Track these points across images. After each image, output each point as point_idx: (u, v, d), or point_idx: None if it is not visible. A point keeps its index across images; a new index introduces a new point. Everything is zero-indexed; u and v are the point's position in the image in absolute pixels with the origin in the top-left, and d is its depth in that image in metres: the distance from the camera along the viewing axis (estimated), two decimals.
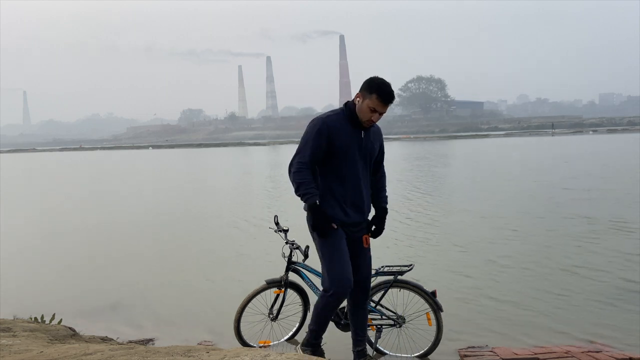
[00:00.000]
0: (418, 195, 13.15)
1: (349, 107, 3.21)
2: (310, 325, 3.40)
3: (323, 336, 3.44)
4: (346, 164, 3.18)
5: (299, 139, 3.28)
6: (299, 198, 3.15)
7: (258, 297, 3.89)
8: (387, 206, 3.44)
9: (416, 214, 10.19)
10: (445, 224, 9.14)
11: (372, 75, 3.21)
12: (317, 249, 3.28)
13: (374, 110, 3.11)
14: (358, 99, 3.17)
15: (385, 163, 3.51)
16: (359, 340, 3.48)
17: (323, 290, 3.26)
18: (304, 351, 3.39)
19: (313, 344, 3.40)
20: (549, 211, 9.95)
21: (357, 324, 3.46)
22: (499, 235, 8.08)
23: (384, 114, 3.28)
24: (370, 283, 3.43)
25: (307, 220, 3.22)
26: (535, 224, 8.76)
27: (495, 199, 11.92)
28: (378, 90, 3.09)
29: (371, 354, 3.80)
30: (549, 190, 12.85)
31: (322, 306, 3.27)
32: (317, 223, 3.12)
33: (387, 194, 3.47)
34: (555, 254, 6.77)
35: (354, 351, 3.50)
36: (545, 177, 15.94)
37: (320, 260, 3.28)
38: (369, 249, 3.37)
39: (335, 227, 3.16)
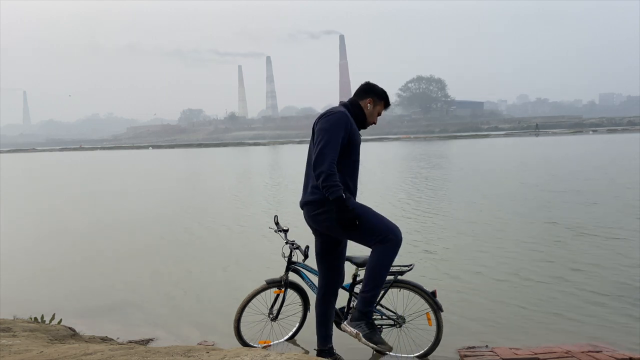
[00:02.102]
0: (404, 197, 13.16)
1: (355, 106, 3.38)
2: (366, 289, 3.13)
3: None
4: (356, 159, 3.33)
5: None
6: (325, 188, 3.03)
7: (258, 297, 3.90)
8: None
9: (417, 213, 10.21)
10: (438, 225, 9.15)
11: (369, 80, 3.47)
12: (352, 231, 3.14)
13: (379, 115, 3.46)
14: (369, 104, 3.39)
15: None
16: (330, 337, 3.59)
17: (387, 240, 3.10)
18: (356, 332, 3.14)
19: (365, 314, 3.15)
20: (543, 213, 9.95)
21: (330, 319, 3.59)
22: (496, 235, 8.09)
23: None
24: None
25: (335, 215, 3.07)
26: (531, 224, 8.77)
27: (491, 198, 11.94)
28: (386, 99, 3.47)
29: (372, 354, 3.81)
30: (534, 192, 12.86)
31: (386, 255, 3.11)
32: (345, 216, 3.03)
33: None
34: (556, 254, 6.78)
35: (323, 349, 3.55)
36: (530, 178, 15.88)
37: (363, 233, 3.14)
38: None
39: (358, 223, 3.10)
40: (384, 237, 3.11)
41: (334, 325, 3.79)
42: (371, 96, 3.39)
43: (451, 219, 9.59)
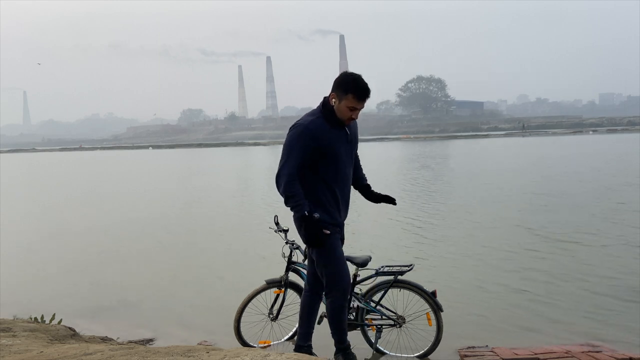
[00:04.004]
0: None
1: (327, 107, 3.11)
2: (335, 337, 3.40)
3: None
4: (336, 165, 3.15)
5: None
6: (289, 209, 3.15)
7: (258, 297, 3.90)
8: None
9: (418, 215, 10.21)
10: (434, 227, 9.15)
11: (345, 71, 3.20)
12: (314, 256, 3.29)
13: (353, 109, 3.06)
14: (334, 99, 3.07)
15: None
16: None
17: (326, 295, 3.32)
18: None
19: (342, 349, 3.40)
20: (537, 216, 9.95)
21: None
22: (494, 238, 8.09)
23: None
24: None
25: (299, 231, 3.20)
26: (530, 225, 8.77)
27: (496, 199, 11.94)
28: (353, 90, 3.00)
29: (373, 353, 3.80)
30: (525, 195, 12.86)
31: (336, 306, 3.32)
32: (311, 233, 3.10)
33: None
34: (555, 255, 6.78)
35: (304, 345, 3.51)
36: (521, 180, 15.82)
37: (320, 266, 3.28)
38: None
39: (328, 232, 3.15)
40: (331, 287, 3.26)
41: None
42: (334, 90, 3.05)
43: (447, 221, 9.59)
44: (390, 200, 3.50)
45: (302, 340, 3.49)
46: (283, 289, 3.91)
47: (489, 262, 6.54)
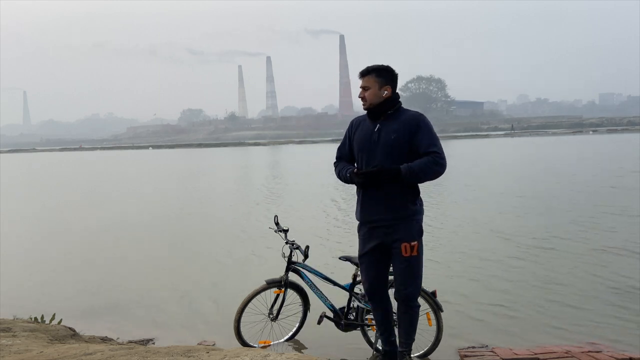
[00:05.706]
0: None
1: None
2: None
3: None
4: (361, 158, 3.20)
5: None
6: (350, 182, 3.21)
7: (258, 297, 3.90)
8: (403, 170, 2.99)
9: None
10: (434, 227, 9.15)
11: None
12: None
13: (362, 88, 3.22)
14: None
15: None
16: (400, 342, 3.33)
17: None
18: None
19: (377, 349, 3.55)
20: (547, 211, 9.95)
21: (399, 326, 3.35)
22: (493, 240, 8.09)
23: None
24: (409, 290, 3.16)
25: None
26: (531, 221, 8.77)
27: (503, 199, 11.94)
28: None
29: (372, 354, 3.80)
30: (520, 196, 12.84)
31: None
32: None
33: (415, 167, 3.00)
34: (555, 256, 6.78)
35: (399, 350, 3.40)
36: (518, 182, 15.86)
37: None
38: (408, 258, 3.09)
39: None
40: None
41: (334, 325, 3.80)
42: None
43: (444, 222, 9.59)
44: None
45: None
46: (283, 289, 3.91)
47: (489, 264, 6.53)
